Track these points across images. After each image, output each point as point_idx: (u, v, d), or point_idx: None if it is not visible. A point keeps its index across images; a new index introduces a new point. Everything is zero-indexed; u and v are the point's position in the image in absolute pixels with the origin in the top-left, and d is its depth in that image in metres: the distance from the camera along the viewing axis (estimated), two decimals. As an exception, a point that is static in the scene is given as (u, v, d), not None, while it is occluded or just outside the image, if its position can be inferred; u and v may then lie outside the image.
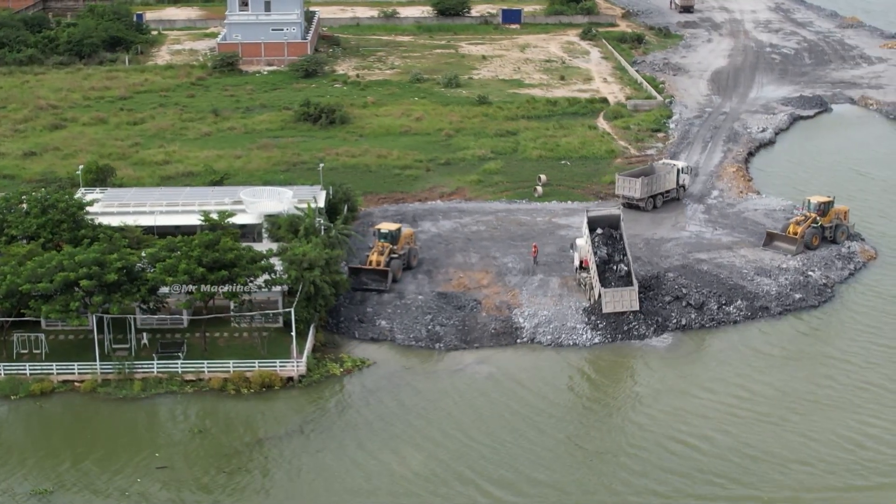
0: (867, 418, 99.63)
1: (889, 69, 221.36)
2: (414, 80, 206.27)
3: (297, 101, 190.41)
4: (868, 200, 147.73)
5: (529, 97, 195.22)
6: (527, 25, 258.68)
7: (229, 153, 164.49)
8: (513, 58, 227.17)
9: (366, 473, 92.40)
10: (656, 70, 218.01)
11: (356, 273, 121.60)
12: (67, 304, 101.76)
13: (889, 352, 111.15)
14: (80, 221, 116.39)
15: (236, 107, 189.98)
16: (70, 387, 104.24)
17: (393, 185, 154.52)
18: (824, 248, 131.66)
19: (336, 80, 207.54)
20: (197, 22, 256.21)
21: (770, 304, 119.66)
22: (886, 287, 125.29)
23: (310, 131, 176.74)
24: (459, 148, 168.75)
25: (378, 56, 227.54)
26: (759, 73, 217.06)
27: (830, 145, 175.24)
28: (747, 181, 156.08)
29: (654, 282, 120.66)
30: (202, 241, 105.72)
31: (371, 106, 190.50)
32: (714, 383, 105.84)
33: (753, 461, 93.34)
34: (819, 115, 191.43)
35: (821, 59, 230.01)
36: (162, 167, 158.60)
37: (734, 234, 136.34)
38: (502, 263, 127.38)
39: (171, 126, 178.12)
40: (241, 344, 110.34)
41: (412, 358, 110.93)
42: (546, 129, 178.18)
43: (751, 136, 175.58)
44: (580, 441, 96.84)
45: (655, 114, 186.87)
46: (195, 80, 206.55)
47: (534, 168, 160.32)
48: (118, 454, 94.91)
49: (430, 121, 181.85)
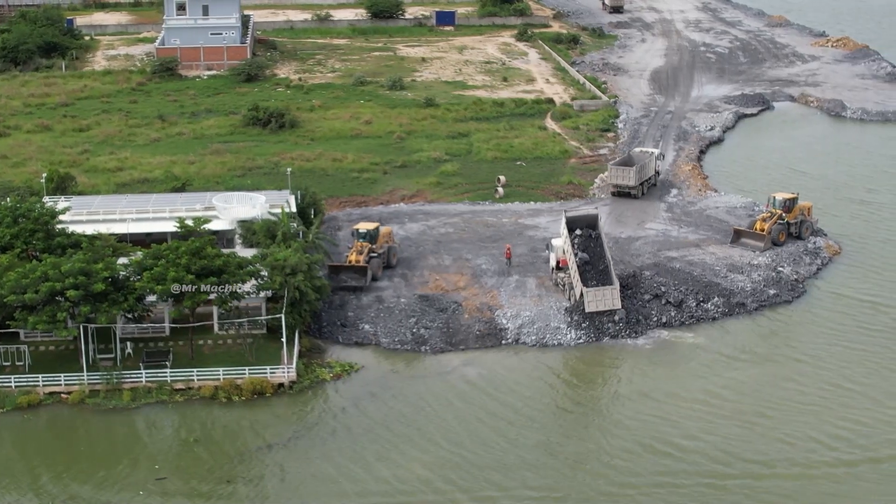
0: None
1: (823, 67, 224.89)
2: (357, 82, 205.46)
3: (242, 105, 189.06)
4: (815, 196, 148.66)
5: (476, 99, 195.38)
6: (461, 27, 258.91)
7: (182, 159, 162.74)
8: (452, 59, 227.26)
9: (365, 480, 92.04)
10: (596, 70, 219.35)
11: (335, 271, 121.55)
12: (54, 314, 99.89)
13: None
14: (51, 230, 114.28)
15: (181, 112, 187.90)
16: (57, 398, 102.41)
17: (352, 188, 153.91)
18: (791, 244, 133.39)
19: (278, 84, 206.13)
20: (129, 27, 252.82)
21: (746, 301, 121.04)
22: (853, 282, 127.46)
23: (260, 136, 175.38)
24: (413, 150, 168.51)
25: (317, 59, 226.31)
26: (697, 72, 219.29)
27: (778, 142, 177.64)
28: (704, 179, 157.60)
29: (631, 280, 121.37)
30: (189, 248, 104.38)
31: (318, 109, 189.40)
32: (699, 380, 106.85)
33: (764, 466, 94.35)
34: (762, 112, 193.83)
35: (755, 57, 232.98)
36: (115, 174, 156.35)
37: (699, 231, 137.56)
38: (476, 265, 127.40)
39: (118, 132, 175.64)
40: (227, 351, 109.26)
41: (399, 361, 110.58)
42: (497, 130, 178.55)
43: (700, 135, 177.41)
44: (578, 442, 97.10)
45: (602, 114, 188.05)
46: (135, 85, 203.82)
47: (490, 169, 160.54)
48: (116, 466, 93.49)
49: (379, 124, 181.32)
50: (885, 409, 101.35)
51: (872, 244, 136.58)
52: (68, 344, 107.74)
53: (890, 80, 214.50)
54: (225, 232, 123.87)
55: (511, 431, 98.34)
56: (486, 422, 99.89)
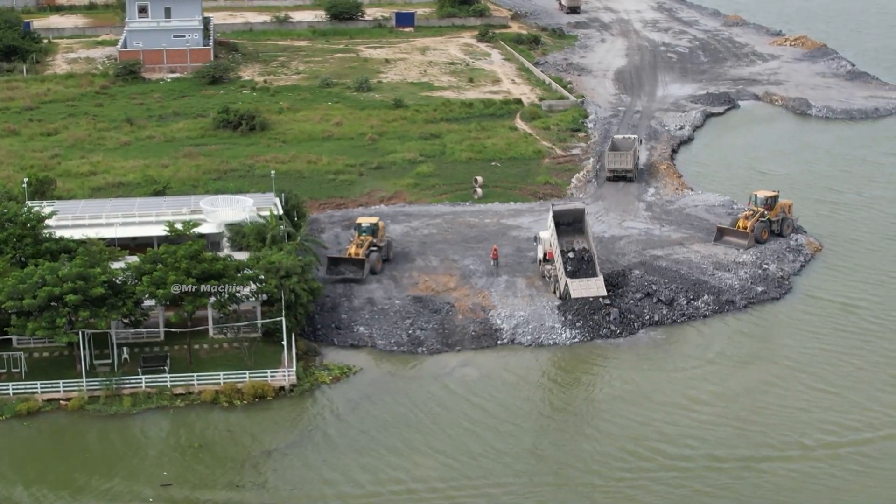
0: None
1: (783, 65, 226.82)
2: (323, 84, 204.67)
3: (210, 108, 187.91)
4: (791, 194, 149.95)
5: (444, 100, 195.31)
6: (421, 28, 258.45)
7: (155, 162, 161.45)
8: (416, 61, 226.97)
9: (373, 484, 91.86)
10: (560, 70, 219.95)
11: (335, 263, 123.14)
12: (53, 320, 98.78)
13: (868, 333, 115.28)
14: (39, 236, 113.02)
15: (149, 115, 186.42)
16: (56, 405, 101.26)
17: (330, 190, 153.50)
18: (773, 241, 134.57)
19: (244, 87, 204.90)
20: (86, 30, 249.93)
21: (735, 298, 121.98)
22: (839, 278, 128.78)
23: (231, 138, 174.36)
24: (387, 152, 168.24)
25: (280, 61, 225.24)
26: (660, 71, 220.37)
27: (748, 141, 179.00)
28: (679, 178, 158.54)
29: (621, 279, 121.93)
30: (187, 252, 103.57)
31: (286, 112, 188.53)
32: (697, 379, 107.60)
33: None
34: (728, 111, 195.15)
35: (716, 56, 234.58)
36: (89, 178, 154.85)
37: (681, 230, 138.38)
38: (464, 266, 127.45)
39: (87, 136, 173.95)
40: (224, 355, 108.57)
41: (396, 363, 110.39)
42: (468, 131, 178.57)
43: (671, 134, 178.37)
44: (581, 443, 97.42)
45: (571, 114, 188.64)
46: (99, 88, 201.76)
47: (465, 170, 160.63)
48: (121, 474, 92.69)
49: (350, 125, 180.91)
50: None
51: (849, 241, 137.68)
52: (63, 350, 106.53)
53: (851, 79, 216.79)
54: (212, 235, 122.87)
55: (517, 432, 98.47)
56: (488, 423, 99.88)
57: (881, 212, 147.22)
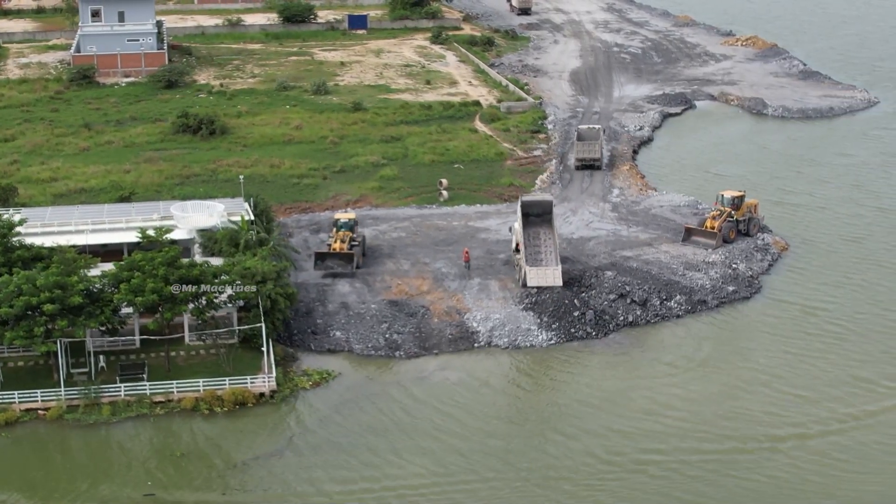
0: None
1: (736, 65, 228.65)
2: (280, 88, 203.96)
3: (167, 112, 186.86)
4: (756, 193, 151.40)
5: (403, 102, 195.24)
6: (373, 31, 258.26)
7: (117, 168, 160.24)
8: (371, 63, 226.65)
9: (359, 488, 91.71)
10: (516, 72, 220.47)
11: (321, 258, 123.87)
12: (31, 329, 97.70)
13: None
14: (9, 244, 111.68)
15: (106, 120, 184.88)
16: (34, 415, 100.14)
17: (295, 194, 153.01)
18: (740, 241, 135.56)
19: (200, 91, 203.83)
20: (36, 34, 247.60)
21: (707, 298, 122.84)
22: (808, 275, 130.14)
23: (191, 143, 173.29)
24: (349, 155, 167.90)
25: (235, 65, 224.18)
26: (614, 72, 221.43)
27: (707, 141, 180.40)
28: (642, 178, 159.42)
29: (594, 280, 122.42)
30: (165, 258, 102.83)
31: (245, 115, 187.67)
32: (674, 378, 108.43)
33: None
34: (686, 111, 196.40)
35: (669, 57, 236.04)
36: (51, 185, 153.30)
37: (649, 230, 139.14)
38: (436, 269, 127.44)
39: (45, 142, 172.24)
40: (202, 362, 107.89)
41: (374, 368, 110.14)
42: (429, 133, 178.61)
43: (630, 135, 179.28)
44: (568, 445, 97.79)
45: (530, 115, 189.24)
46: (54, 93, 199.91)
47: (429, 173, 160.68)
48: (103, 483, 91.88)
49: (310, 129, 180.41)
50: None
51: (807, 242, 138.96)
52: (38, 359, 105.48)
53: (804, 78, 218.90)
54: (182, 241, 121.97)
55: (500, 431, 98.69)
56: (472, 427, 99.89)
57: (834, 213, 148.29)
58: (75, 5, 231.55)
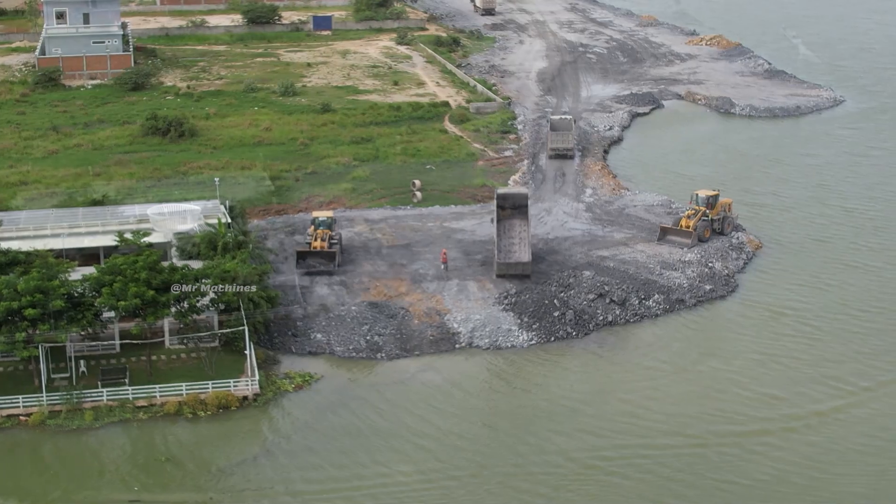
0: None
1: (701, 65, 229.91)
2: (248, 89, 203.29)
3: (134, 114, 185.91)
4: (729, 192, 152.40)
5: (371, 103, 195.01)
6: (338, 31, 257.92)
7: (87, 171, 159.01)
8: (337, 64, 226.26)
9: (346, 490, 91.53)
10: (483, 73, 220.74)
11: (303, 257, 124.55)
12: (12, 334, 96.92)
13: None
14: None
15: (73, 123, 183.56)
16: (16, 421, 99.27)
17: (268, 196, 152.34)
18: (715, 239, 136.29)
19: (167, 93, 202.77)
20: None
21: (685, 297, 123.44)
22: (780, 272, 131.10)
23: (160, 145, 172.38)
24: (320, 156, 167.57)
25: (201, 67, 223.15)
26: (581, 72, 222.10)
27: (676, 140, 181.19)
28: (614, 178, 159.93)
29: (572, 280, 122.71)
30: (146, 262, 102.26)
31: (213, 117, 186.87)
32: (658, 376, 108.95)
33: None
34: (654, 111, 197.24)
35: (635, 57, 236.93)
36: (21, 188, 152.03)
37: (623, 230, 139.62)
38: (413, 270, 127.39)
39: (13, 146, 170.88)
40: (183, 366, 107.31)
41: (356, 370, 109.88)
42: (399, 134, 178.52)
43: (601, 135, 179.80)
44: (553, 440, 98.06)
45: (500, 116, 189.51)
46: (19, 96, 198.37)
47: (401, 173, 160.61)
48: (87, 489, 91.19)
49: (279, 130, 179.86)
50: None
51: (776, 243, 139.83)
52: (18, 364, 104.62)
53: (769, 77, 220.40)
54: (159, 244, 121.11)
55: (484, 435, 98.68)
56: (455, 428, 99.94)
57: (802, 213, 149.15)
58: (38, 7, 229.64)
